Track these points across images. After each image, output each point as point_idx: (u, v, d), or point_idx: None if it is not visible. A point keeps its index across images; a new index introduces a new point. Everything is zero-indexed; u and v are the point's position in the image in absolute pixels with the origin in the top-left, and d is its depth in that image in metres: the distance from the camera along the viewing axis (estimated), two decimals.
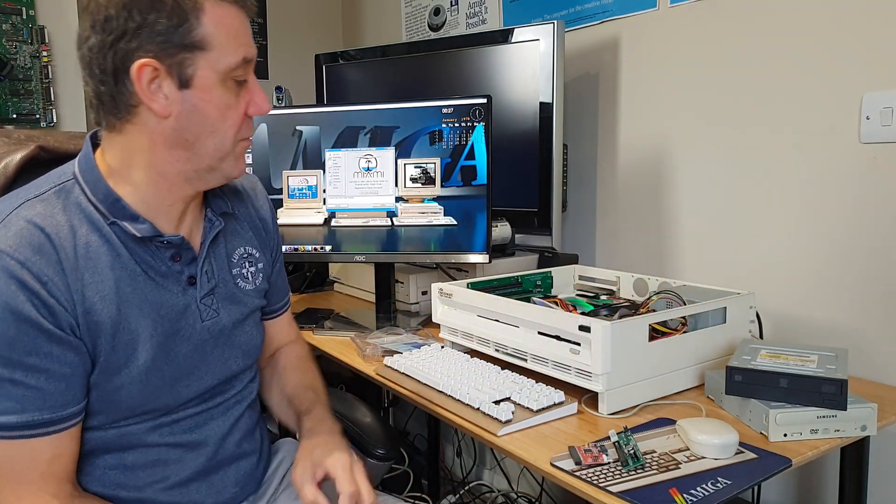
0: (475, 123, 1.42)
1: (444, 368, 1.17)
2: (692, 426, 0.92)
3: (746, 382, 0.96)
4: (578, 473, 0.85)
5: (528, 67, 1.62)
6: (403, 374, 1.20)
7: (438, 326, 1.33)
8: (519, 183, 1.66)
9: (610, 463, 0.87)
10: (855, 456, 1.05)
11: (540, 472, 0.89)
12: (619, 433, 0.89)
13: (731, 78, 1.45)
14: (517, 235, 1.69)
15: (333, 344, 1.44)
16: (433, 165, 1.45)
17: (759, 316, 1.29)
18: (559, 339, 1.07)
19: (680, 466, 0.86)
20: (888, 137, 1.21)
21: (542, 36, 1.58)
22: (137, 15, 0.77)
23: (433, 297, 1.32)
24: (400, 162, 1.46)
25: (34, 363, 0.77)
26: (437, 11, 2.25)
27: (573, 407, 1.04)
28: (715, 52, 1.48)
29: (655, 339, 1.07)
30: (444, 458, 2.31)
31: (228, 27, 0.81)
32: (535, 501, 1.98)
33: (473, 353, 1.24)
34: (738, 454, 0.89)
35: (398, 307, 1.66)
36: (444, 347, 1.30)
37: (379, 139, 1.47)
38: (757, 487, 1.32)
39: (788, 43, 1.35)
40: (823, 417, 0.93)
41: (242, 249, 1.00)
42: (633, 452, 0.87)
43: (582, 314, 1.21)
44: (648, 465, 0.87)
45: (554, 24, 1.56)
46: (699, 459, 0.88)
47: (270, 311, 1.11)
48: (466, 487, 2.18)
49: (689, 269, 1.57)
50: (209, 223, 0.94)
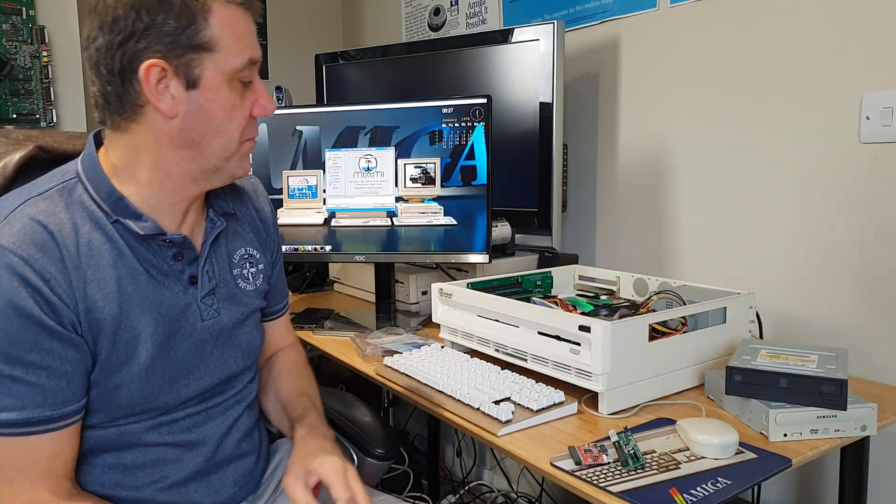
0: (475, 123, 1.42)
1: (444, 368, 1.17)
2: (692, 426, 0.92)
3: (746, 382, 0.96)
4: (578, 473, 0.85)
5: (528, 67, 1.62)
6: (403, 374, 1.20)
7: (438, 326, 1.33)
8: (519, 183, 1.66)
9: (610, 463, 0.87)
10: (855, 456, 1.05)
11: (540, 472, 0.89)
12: (619, 433, 0.89)
13: (731, 78, 1.45)
14: (517, 235, 1.69)
15: (333, 344, 1.44)
16: (433, 165, 1.45)
17: (759, 316, 1.29)
18: (559, 339, 1.07)
19: (680, 466, 0.86)
20: (888, 137, 1.21)
21: (542, 36, 1.58)
22: (146, 16, 0.77)
23: (433, 297, 1.32)
24: (400, 162, 1.46)
25: (35, 360, 0.77)
26: (437, 11, 2.25)
27: (573, 407, 1.04)
28: (715, 52, 1.48)
29: (655, 339, 1.07)
30: (444, 458, 2.31)
31: (235, 29, 0.82)
32: (535, 501, 1.98)
33: (473, 353, 1.24)
34: (738, 454, 0.89)
35: (398, 307, 1.66)
36: (444, 347, 1.30)
37: (379, 139, 1.47)
38: (757, 487, 1.32)
39: (788, 43, 1.35)
40: (823, 417, 0.93)
41: (243, 250, 1.00)
42: (633, 452, 0.87)
43: (582, 314, 1.21)
44: (648, 465, 0.87)
45: (554, 24, 1.56)
46: (699, 459, 0.88)
47: (269, 313, 1.11)
48: (466, 487, 2.18)
49: (689, 269, 1.57)
50: (211, 223, 0.94)
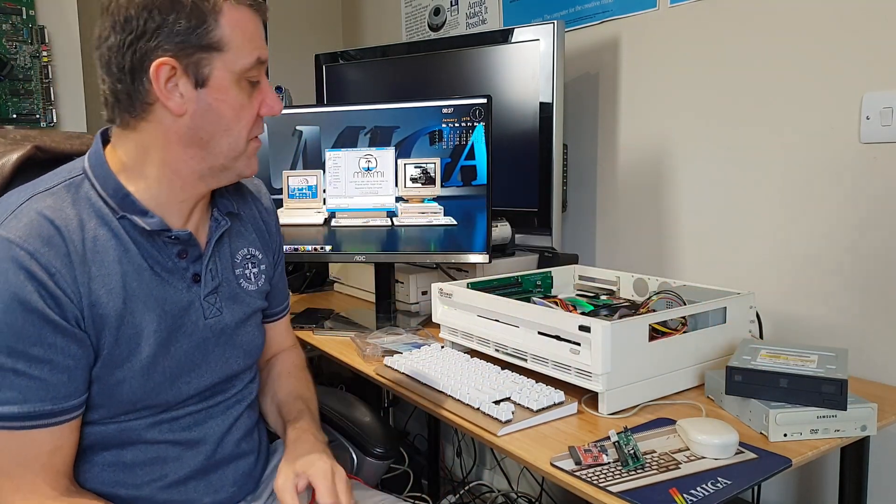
0: (475, 123, 1.42)
1: (444, 368, 1.17)
2: (692, 426, 0.92)
3: (746, 382, 0.96)
4: (578, 473, 0.85)
5: (528, 67, 1.62)
6: (403, 374, 1.20)
7: (438, 326, 1.33)
8: (519, 183, 1.66)
9: (610, 463, 0.87)
10: (855, 456, 1.05)
11: (540, 472, 0.89)
12: (619, 433, 0.89)
13: (731, 78, 1.45)
14: (517, 235, 1.69)
15: (333, 344, 1.44)
16: (433, 165, 1.45)
17: (759, 316, 1.29)
18: (559, 339, 1.07)
19: (680, 466, 0.86)
20: (888, 137, 1.21)
21: (542, 36, 1.58)
22: (158, 16, 0.78)
23: (433, 297, 1.32)
24: (400, 162, 1.46)
25: (38, 354, 0.78)
26: (437, 11, 2.25)
27: (573, 407, 1.04)
28: (715, 52, 1.48)
29: (655, 339, 1.07)
30: (444, 458, 2.31)
31: (244, 29, 0.83)
32: (535, 501, 1.98)
33: (473, 353, 1.24)
34: (738, 454, 0.89)
35: (398, 307, 1.66)
36: (444, 347, 1.30)
37: (379, 139, 1.47)
38: (757, 487, 1.32)
39: (788, 43, 1.35)
40: (823, 417, 0.93)
41: (246, 250, 1.01)
42: (633, 452, 0.87)
43: (582, 314, 1.21)
44: (648, 465, 0.87)
45: (554, 24, 1.56)
46: (699, 459, 0.88)
47: (270, 314, 1.11)
48: (466, 487, 2.18)
49: (689, 269, 1.57)
50: (215, 222, 0.95)
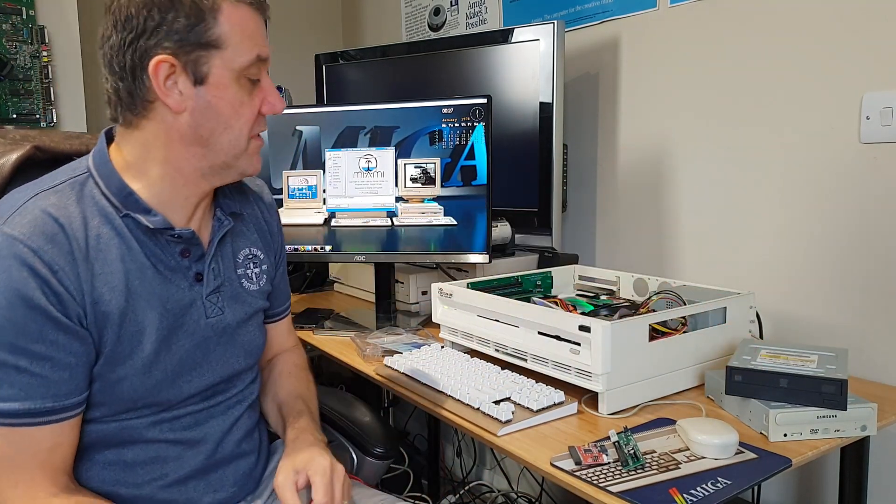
0: (475, 123, 1.42)
1: (444, 368, 1.17)
2: (692, 426, 0.92)
3: (746, 382, 0.96)
4: (578, 473, 0.85)
5: (528, 67, 1.62)
6: (403, 373, 1.20)
7: (438, 326, 1.33)
8: (519, 183, 1.66)
9: (610, 463, 0.87)
10: (855, 456, 1.05)
11: (540, 472, 0.89)
12: (619, 433, 0.89)
13: (731, 78, 1.45)
14: (517, 235, 1.69)
15: (333, 344, 1.44)
16: (433, 165, 1.45)
17: (759, 316, 1.29)
18: (559, 339, 1.07)
19: (680, 466, 0.86)
20: (888, 137, 1.21)
21: (542, 36, 1.58)
22: (157, 14, 0.79)
23: (433, 297, 1.32)
24: (400, 162, 1.46)
25: (40, 351, 0.78)
26: (437, 11, 2.25)
27: (573, 407, 1.04)
28: (715, 52, 1.48)
29: (655, 339, 1.07)
30: (444, 458, 2.31)
31: (244, 27, 0.83)
32: (535, 501, 1.98)
33: (473, 353, 1.24)
34: (738, 454, 0.89)
35: (398, 307, 1.66)
36: (444, 347, 1.30)
37: (379, 139, 1.47)
38: (757, 487, 1.32)
39: (788, 43, 1.35)
40: (823, 417, 0.93)
41: (248, 250, 1.01)
42: (633, 452, 0.87)
43: (582, 314, 1.21)
44: (648, 465, 0.87)
45: (554, 24, 1.56)
46: (699, 459, 0.88)
47: (271, 314, 1.12)
48: (466, 487, 2.18)
49: (689, 269, 1.57)
50: (218, 222, 0.95)
